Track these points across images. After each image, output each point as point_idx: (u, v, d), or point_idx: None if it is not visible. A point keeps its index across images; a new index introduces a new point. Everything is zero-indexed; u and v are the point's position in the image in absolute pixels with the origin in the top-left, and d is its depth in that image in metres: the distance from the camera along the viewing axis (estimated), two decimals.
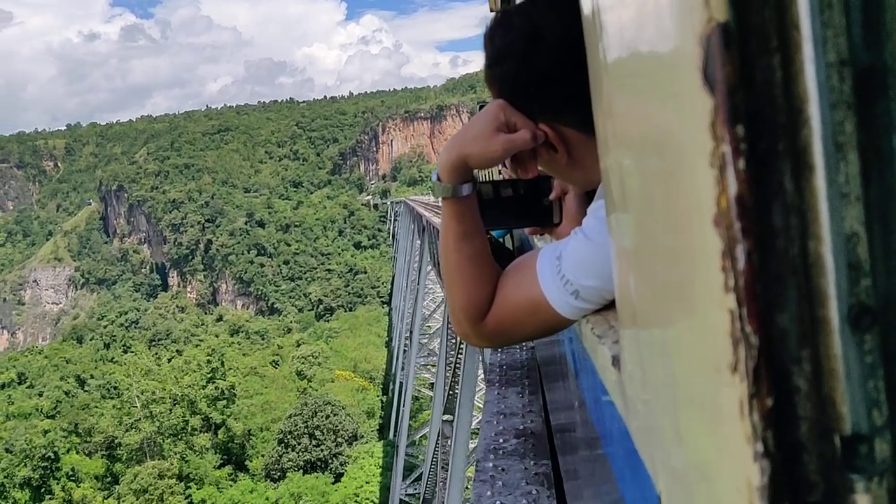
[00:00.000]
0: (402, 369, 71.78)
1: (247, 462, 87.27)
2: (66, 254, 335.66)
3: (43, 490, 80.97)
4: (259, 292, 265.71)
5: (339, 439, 75.43)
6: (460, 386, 23.32)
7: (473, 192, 1.93)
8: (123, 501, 70.49)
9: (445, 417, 23.12)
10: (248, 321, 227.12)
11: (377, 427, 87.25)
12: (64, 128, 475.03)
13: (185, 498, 68.80)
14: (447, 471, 23.85)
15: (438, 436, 26.82)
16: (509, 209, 2.22)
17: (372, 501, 62.78)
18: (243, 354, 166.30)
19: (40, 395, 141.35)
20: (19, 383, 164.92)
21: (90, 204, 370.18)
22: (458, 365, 24.49)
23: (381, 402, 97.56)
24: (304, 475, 65.88)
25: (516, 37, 1.79)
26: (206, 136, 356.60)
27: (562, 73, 1.70)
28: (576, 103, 1.63)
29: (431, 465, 35.61)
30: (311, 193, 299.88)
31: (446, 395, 26.03)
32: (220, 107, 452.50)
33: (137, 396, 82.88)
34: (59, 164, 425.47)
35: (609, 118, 0.97)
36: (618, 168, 0.92)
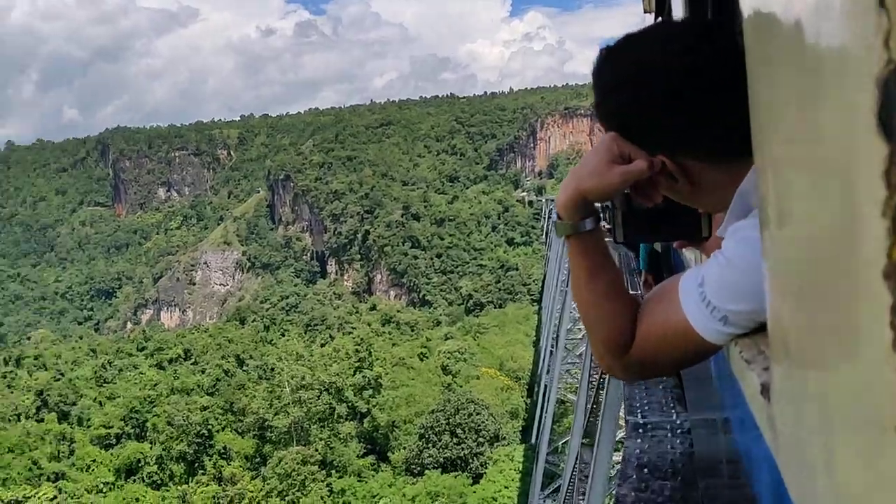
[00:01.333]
0: (548, 372, 69.69)
1: (389, 454, 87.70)
2: (234, 238, 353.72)
3: (196, 465, 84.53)
4: (411, 284, 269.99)
5: (480, 439, 74.18)
6: (602, 407, 20.92)
7: (598, 227, 1.95)
8: (268, 483, 72.18)
9: (585, 440, 21.04)
10: (399, 312, 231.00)
11: (520, 429, 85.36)
12: (238, 119, 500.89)
13: (326, 486, 69.60)
14: (586, 489, 21.81)
15: (577, 459, 24.78)
16: (650, 222, 2.10)
17: None
18: (393, 344, 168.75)
19: (203, 373, 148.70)
20: (185, 359, 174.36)
21: (259, 192, 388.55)
22: (601, 384, 22.29)
23: (526, 403, 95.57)
24: (442, 474, 64.98)
25: (625, 72, 1.81)
26: (369, 129, 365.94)
27: (671, 106, 1.71)
28: (689, 135, 1.71)
29: (570, 481, 33.39)
30: (467, 188, 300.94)
31: (587, 415, 23.82)
32: (383, 101, 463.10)
33: (288, 381, 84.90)
34: (232, 153, 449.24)
35: (770, 156, 0.96)
36: (778, 206, 0.90)
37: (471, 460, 71.75)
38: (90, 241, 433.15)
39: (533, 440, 72.84)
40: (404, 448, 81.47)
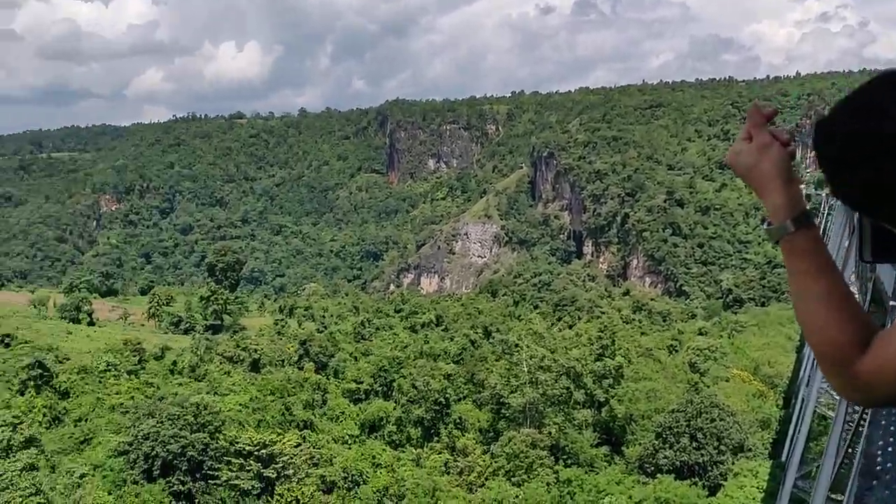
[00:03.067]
0: (808, 384, 62.98)
1: (624, 447, 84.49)
2: (494, 212, 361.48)
3: (432, 431, 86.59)
4: (668, 272, 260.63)
5: (722, 447, 68.98)
6: (859, 452, 17.21)
7: (814, 226, 1.96)
8: (496, 460, 72.07)
9: (833, 496, 17.48)
10: (653, 300, 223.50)
11: (770, 442, 78.35)
12: (508, 95, 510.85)
13: (553, 473, 68.13)
14: None
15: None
16: None
17: None
18: (641, 333, 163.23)
19: (451, 340, 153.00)
20: (436, 325, 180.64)
21: (522, 168, 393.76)
22: (860, 422, 18.40)
23: (780, 414, 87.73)
24: (675, 479, 60.94)
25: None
26: (638, 110, 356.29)
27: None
28: None
29: None
30: (737, 178, 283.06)
31: (841, 457, 19.95)
32: (655, 82, 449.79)
33: (526, 361, 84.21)
34: (500, 128, 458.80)
35: None
36: None
37: (710, 469, 66.97)
38: (364, 206, 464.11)
39: (783, 457, 66.45)
40: (640, 444, 77.96)
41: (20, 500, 52.79)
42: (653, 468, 69.35)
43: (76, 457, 75.60)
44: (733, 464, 65.81)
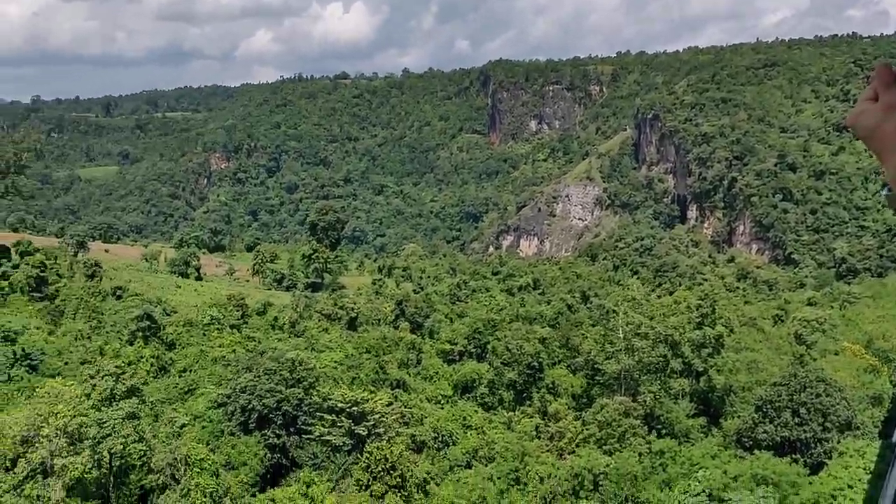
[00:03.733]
0: None
1: (721, 419, 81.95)
2: (597, 174, 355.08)
3: (524, 395, 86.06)
4: (777, 239, 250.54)
5: (827, 424, 65.81)
6: None
7: None
8: (587, 427, 70.98)
9: None
10: (759, 268, 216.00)
11: (881, 421, 74.43)
12: (614, 55, 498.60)
13: (646, 443, 66.58)
14: None
15: None
16: None
17: None
18: (745, 302, 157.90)
19: (548, 304, 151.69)
20: (534, 288, 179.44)
21: (626, 130, 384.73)
22: None
23: (893, 391, 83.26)
24: (775, 456, 58.52)
25: None
26: (750, 70, 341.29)
27: None
28: None
29: None
30: (856, 140, 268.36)
31: None
32: (770, 40, 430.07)
33: (622, 327, 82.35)
34: (604, 90, 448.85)
35: None
36: None
37: (812, 446, 64.08)
38: (465, 167, 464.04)
39: (894, 438, 62.88)
40: (738, 417, 75.38)
41: (122, 446, 55.04)
42: (751, 443, 66.88)
43: (179, 406, 78.64)
44: (839, 442, 62.65)
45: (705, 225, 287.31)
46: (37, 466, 54.96)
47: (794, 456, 63.72)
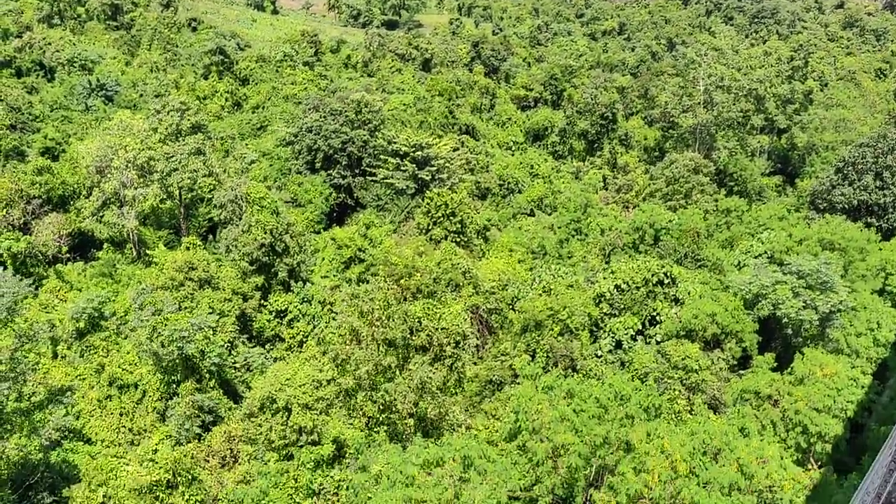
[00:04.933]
0: None
1: (798, 180, 79.30)
2: None
3: (595, 146, 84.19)
4: None
5: None
6: None
7: None
8: (655, 182, 69.50)
9: None
10: (869, 15, 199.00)
11: None
12: None
13: (714, 201, 65.02)
14: None
15: None
16: None
17: None
18: (847, 54, 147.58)
19: (632, 51, 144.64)
20: (619, 33, 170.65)
21: None
22: None
23: None
24: (847, 219, 56.57)
25: None
26: None
27: None
28: None
29: None
30: None
31: None
32: None
33: (703, 79, 77.97)
34: None
35: None
36: None
37: (890, 212, 61.67)
38: None
39: None
40: (816, 178, 72.57)
41: (191, 181, 56.40)
42: (825, 205, 64.74)
43: (251, 142, 79.73)
44: None
45: None
46: (111, 196, 57.17)
47: (868, 220, 61.65)
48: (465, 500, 24.01)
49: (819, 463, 35.56)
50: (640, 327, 45.02)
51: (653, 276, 45.16)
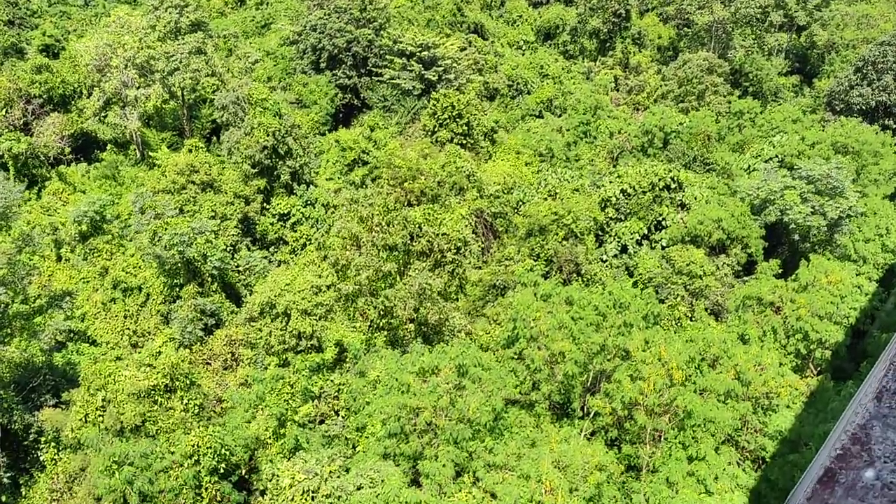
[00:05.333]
0: None
1: (815, 79, 77.13)
2: None
3: (608, 45, 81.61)
4: None
5: None
6: None
7: None
8: (666, 83, 67.65)
9: None
10: None
11: None
12: None
13: (727, 103, 63.35)
14: None
15: None
16: None
17: None
18: None
19: None
20: None
21: None
22: None
23: None
24: (864, 122, 55.18)
25: None
26: None
27: None
28: None
29: None
30: None
31: None
32: None
33: None
34: None
35: None
36: None
37: None
38: None
39: None
40: (835, 78, 70.50)
41: (192, 80, 55.33)
42: (842, 106, 63.12)
43: (255, 40, 77.86)
44: None
45: None
46: (112, 96, 56.29)
47: (885, 122, 60.21)
48: (460, 406, 24.25)
49: (819, 369, 35.65)
50: (646, 232, 44.63)
51: (659, 180, 44.46)
